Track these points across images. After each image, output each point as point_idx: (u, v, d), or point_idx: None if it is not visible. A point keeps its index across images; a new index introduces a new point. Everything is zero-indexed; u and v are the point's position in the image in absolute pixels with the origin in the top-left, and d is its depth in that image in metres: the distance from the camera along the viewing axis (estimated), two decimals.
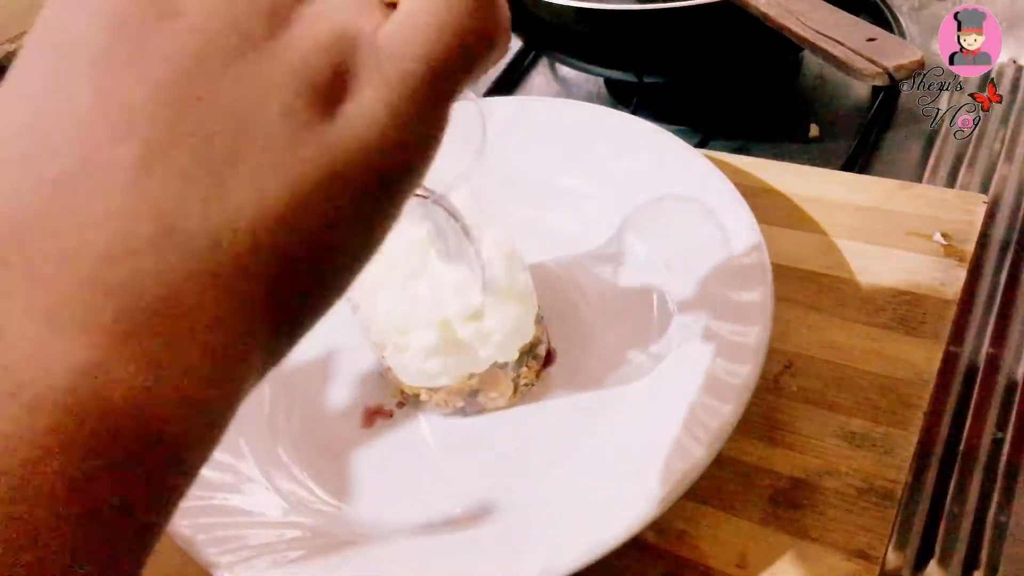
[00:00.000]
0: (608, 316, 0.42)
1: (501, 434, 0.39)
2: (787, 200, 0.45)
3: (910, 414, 0.36)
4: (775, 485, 0.36)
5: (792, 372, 0.39)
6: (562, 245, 0.45)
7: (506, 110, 0.50)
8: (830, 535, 0.34)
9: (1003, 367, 0.45)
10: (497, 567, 0.33)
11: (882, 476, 0.35)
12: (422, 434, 0.41)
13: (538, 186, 0.47)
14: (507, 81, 0.70)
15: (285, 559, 0.35)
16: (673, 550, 0.35)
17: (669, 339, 0.39)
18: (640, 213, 0.44)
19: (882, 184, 0.45)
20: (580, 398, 0.40)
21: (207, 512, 0.36)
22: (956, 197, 0.44)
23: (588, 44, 0.58)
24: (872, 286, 0.41)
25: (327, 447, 0.41)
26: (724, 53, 0.56)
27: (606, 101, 0.68)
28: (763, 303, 0.37)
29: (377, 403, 0.42)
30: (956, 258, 0.41)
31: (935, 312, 0.39)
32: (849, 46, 0.43)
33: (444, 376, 0.38)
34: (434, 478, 0.39)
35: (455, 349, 0.37)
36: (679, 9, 0.51)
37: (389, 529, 0.37)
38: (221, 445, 0.16)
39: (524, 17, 0.59)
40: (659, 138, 0.46)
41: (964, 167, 0.55)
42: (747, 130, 0.61)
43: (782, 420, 0.37)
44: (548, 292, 0.43)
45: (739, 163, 0.47)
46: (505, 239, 0.38)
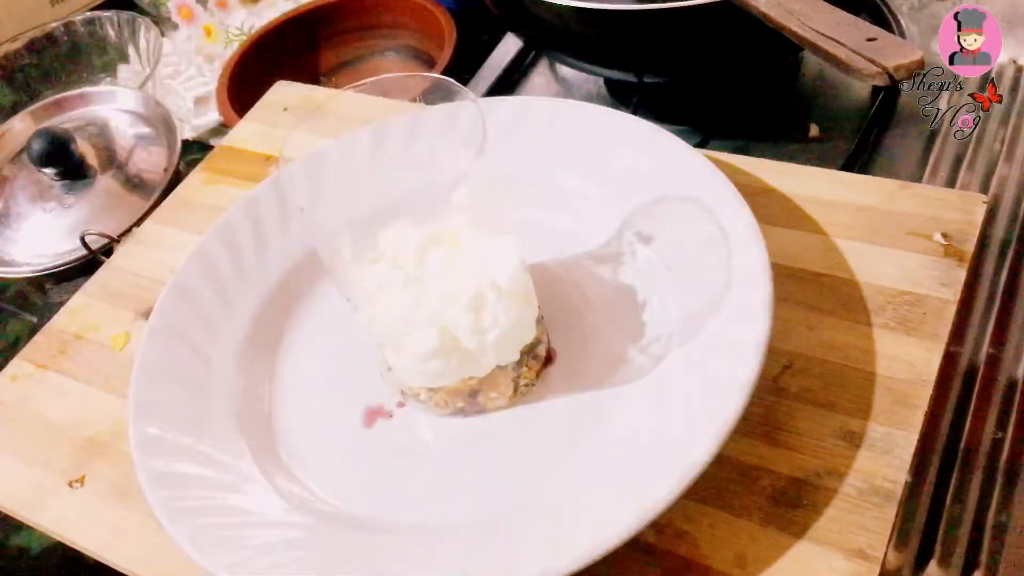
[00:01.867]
0: (608, 316, 0.42)
1: (501, 434, 0.39)
2: (787, 200, 0.45)
3: (910, 414, 0.36)
4: (775, 485, 0.36)
5: (792, 372, 0.39)
6: (562, 245, 0.45)
7: (506, 110, 0.49)
8: (830, 535, 0.34)
9: (1003, 367, 0.45)
10: (497, 567, 0.33)
11: (882, 476, 0.35)
12: (422, 434, 0.41)
13: (538, 186, 0.47)
14: (507, 81, 0.70)
15: (285, 559, 0.35)
16: (673, 550, 0.35)
17: (669, 339, 0.39)
18: (640, 213, 0.44)
19: (882, 184, 0.45)
20: (580, 398, 0.40)
21: (207, 512, 0.36)
22: (956, 197, 0.43)
23: (588, 44, 0.58)
24: (872, 286, 0.41)
25: (327, 447, 0.41)
26: (724, 53, 0.56)
27: (606, 101, 0.68)
28: (763, 303, 0.37)
29: (377, 403, 0.42)
30: (956, 258, 0.41)
31: (935, 312, 0.39)
32: (849, 46, 0.43)
33: (445, 377, 0.38)
34: (434, 478, 0.39)
35: (456, 351, 0.37)
36: (679, 9, 0.51)
37: (389, 529, 0.37)
38: (221, 445, 0.16)
39: (524, 17, 0.59)
40: (659, 138, 0.46)
41: (964, 167, 0.55)
42: (747, 130, 0.61)
43: (782, 420, 0.37)
44: (548, 292, 0.43)
45: (739, 163, 0.47)
46: (505, 239, 0.38)
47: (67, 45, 0.87)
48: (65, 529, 0.41)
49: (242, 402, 0.42)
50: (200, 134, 0.82)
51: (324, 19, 0.84)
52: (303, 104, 0.61)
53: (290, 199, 0.37)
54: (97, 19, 0.86)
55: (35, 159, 0.65)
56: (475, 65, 0.74)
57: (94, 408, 0.46)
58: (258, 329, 0.45)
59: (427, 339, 0.36)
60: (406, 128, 0.42)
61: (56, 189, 0.66)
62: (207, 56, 0.87)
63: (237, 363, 0.44)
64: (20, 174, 0.69)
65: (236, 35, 0.85)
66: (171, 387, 0.42)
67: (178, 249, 0.51)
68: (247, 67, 0.80)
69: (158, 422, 0.40)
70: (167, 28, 0.91)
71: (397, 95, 0.41)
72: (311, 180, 0.40)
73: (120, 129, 0.70)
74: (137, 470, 0.38)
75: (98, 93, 0.74)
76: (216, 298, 0.46)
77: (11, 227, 0.67)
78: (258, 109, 0.62)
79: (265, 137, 0.59)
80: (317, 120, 0.40)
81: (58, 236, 0.65)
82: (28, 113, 0.74)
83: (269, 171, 0.56)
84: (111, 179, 0.67)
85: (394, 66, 0.84)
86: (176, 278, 0.46)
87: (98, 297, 0.52)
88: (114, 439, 0.44)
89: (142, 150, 0.69)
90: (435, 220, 0.36)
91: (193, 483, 0.38)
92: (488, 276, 0.36)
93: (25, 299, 0.70)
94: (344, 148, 0.42)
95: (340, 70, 0.86)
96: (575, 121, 0.49)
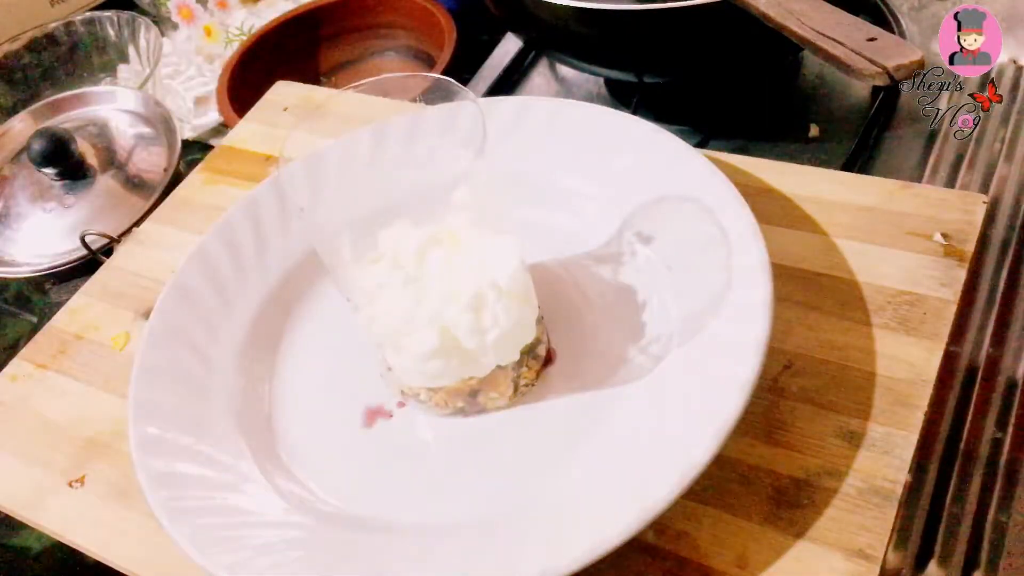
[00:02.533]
0: (608, 316, 0.42)
1: (501, 434, 0.39)
2: (787, 200, 0.45)
3: (910, 414, 0.36)
4: (775, 485, 0.36)
5: (792, 372, 0.39)
6: (562, 245, 0.45)
7: (506, 110, 0.49)
8: (830, 535, 0.34)
9: (1003, 367, 0.45)
10: (497, 567, 0.33)
11: (882, 476, 0.35)
12: (422, 434, 0.41)
13: (538, 186, 0.47)
14: (507, 81, 0.70)
15: (285, 559, 0.35)
16: (673, 550, 0.35)
17: (669, 339, 0.39)
18: (640, 213, 0.44)
19: (882, 184, 0.45)
20: (580, 398, 0.40)
21: (207, 512, 0.36)
22: (956, 197, 0.43)
23: (588, 44, 0.58)
24: (872, 286, 0.41)
25: (327, 447, 0.41)
26: (724, 53, 0.56)
27: (606, 101, 0.68)
28: (763, 303, 0.37)
29: (377, 403, 0.42)
30: (956, 258, 0.41)
31: (935, 312, 0.39)
32: (849, 46, 0.43)
33: (445, 377, 0.38)
34: (434, 478, 0.39)
35: (456, 351, 0.37)
36: (679, 9, 0.51)
37: (389, 529, 0.37)
38: (221, 445, 0.16)
39: (524, 17, 0.59)
40: (659, 138, 0.46)
41: (964, 167, 0.55)
42: (747, 130, 0.61)
43: (782, 420, 0.37)
44: (548, 292, 0.43)
45: (739, 163, 0.47)
46: (505, 239, 0.38)
47: (67, 45, 0.87)
48: (65, 529, 0.41)
49: (242, 402, 0.42)
50: (200, 134, 0.82)
51: (324, 19, 0.84)
52: (303, 104, 0.61)
53: (290, 199, 0.37)
54: (97, 19, 0.86)
55: (35, 159, 0.65)
56: (475, 65, 0.74)
57: (94, 408, 0.46)
58: (258, 329, 0.45)
59: (427, 339, 0.36)
60: (406, 128, 0.42)
61: (56, 189, 0.66)
62: (207, 56, 0.87)
63: (237, 363, 0.44)
64: (20, 174, 0.69)
65: (236, 35, 0.85)
66: (171, 387, 0.42)
67: (178, 249, 0.51)
68: (247, 67, 0.80)
69: (158, 422, 0.40)
70: (167, 28, 0.91)
71: (397, 95, 0.41)
72: (311, 180, 0.40)
73: (120, 129, 0.70)
74: (137, 470, 0.38)
75: (98, 93, 0.74)
76: (216, 298, 0.46)
77: (11, 227, 0.67)
78: (258, 109, 0.62)
79: (265, 137, 0.59)
80: (317, 120, 0.40)
81: (58, 236, 0.65)
82: (28, 113, 0.74)
83: (269, 171, 0.56)
84: (111, 179, 0.67)
85: (394, 66, 0.84)
86: (176, 278, 0.46)
87: (98, 297, 0.52)
88: (114, 439, 0.44)
89: (142, 150, 0.69)
90: (435, 220, 0.36)
91: (193, 483, 0.38)
92: (488, 276, 0.36)
93: (25, 299, 0.70)
94: (344, 148, 0.42)
95: (340, 70, 0.86)
96: (575, 121, 0.49)
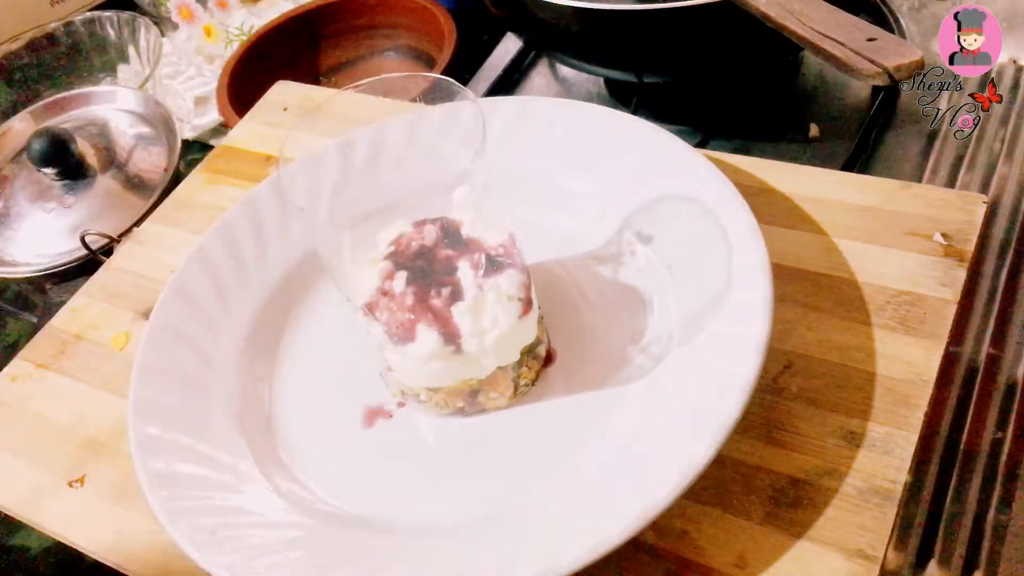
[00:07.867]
0: (608, 316, 0.42)
1: (501, 434, 0.39)
2: (787, 200, 0.45)
3: (910, 414, 0.36)
4: (775, 485, 0.36)
5: (792, 372, 0.39)
6: (562, 245, 0.45)
7: (506, 110, 0.49)
8: (830, 535, 0.34)
9: (1003, 367, 0.45)
10: (497, 567, 0.33)
11: (882, 476, 0.35)
12: (422, 434, 0.41)
13: (538, 186, 0.47)
14: (507, 81, 0.70)
15: (285, 559, 0.35)
16: (673, 550, 0.35)
17: (669, 339, 0.39)
18: (640, 213, 0.44)
19: (882, 184, 0.45)
20: (580, 398, 0.40)
21: (207, 512, 0.36)
22: (956, 197, 0.43)
23: (588, 44, 0.58)
24: (872, 286, 0.41)
25: (327, 447, 0.41)
26: (724, 53, 0.56)
27: (606, 101, 0.68)
28: (763, 303, 0.37)
29: (377, 403, 0.42)
30: (956, 258, 0.41)
31: (935, 312, 0.39)
32: (849, 46, 0.43)
33: (445, 378, 0.38)
34: (434, 478, 0.39)
35: (456, 353, 0.37)
36: (679, 9, 0.51)
37: (389, 529, 0.37)
38: (221, 445, 0.16)
39: (524, 17, 0.59)
40: (659, 138, 0.46)
41: (964, 167, 0.55)
42: (747, 130, 0.61)
43: (782, 420, 0.37)
44: (548, 292, 0.43)
45: (739, 163, 0.47)
46: (505, 239, 0.38)
47: (67, 45, 0.87)
48: (65, 529, 0.41)
49: (242, 402, 0.42)
50: (200, 134, 0.82)
51: (324, 19, 0.84)
52: (303, 104, 0.61)
53: (290, 199, 0.37)
54: (97, 19, 0.87)
55: (35, 159, 0.65)
56: (475, 65, 0.74)
57: (94, 408, 0.46)
58: (258, 329, 0.45)
59: (427, 340, 0.36)
60: (406, 128, 0.42)
61: (56, 189, 0.66)
62: (207, 56, 0.87)
63: (237, 363, 0.44)
64: (20, 174, 0.69)
65: (236, 35, 0.85)
66: (171, 387, 0.42)
67: (178, 249, 0.51)
68: (247, 67, 0.80)
69: (158, 422, 0.40)
70: (167, 28, 0.91)
71: (397, 95, 0.41)
72: (311, 180, 0.40)
73: (120, 129, 0.70)
74: (137, 470, 0.38)
75: (98, 93, 0.74)
76: (216, 298, 0.46)
77: (11, 227, 0.67)
78: (258, 109, 0.62)
79: (265, 137, 0.59)
80: (317, 120, 0.40)
81: (58, 236, 0.65)
82: (28, 113, 0.74)
83: (269, 171, 0.56)
84: (111, 179, 0.67)
85: (394, 66, 0.84)
86: (176, 278, 0.46)
87: (98, 297, 0.52)
88: (114, 439, 0.44)
89: (142, 150, 0.69)
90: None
91: (193, 483, 0.38)
92: (488, 277, 0.36)
93: (25, 299, 0.70)
94: (344, 148, 0.42)
95: (340, 70, 0.86)
96: (575, 121, 0.49)
